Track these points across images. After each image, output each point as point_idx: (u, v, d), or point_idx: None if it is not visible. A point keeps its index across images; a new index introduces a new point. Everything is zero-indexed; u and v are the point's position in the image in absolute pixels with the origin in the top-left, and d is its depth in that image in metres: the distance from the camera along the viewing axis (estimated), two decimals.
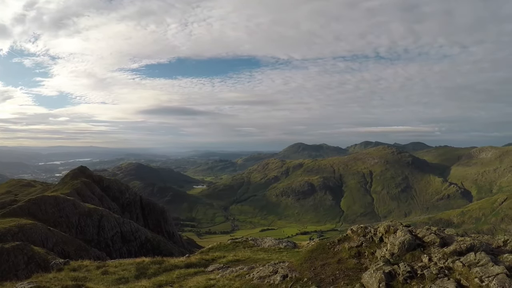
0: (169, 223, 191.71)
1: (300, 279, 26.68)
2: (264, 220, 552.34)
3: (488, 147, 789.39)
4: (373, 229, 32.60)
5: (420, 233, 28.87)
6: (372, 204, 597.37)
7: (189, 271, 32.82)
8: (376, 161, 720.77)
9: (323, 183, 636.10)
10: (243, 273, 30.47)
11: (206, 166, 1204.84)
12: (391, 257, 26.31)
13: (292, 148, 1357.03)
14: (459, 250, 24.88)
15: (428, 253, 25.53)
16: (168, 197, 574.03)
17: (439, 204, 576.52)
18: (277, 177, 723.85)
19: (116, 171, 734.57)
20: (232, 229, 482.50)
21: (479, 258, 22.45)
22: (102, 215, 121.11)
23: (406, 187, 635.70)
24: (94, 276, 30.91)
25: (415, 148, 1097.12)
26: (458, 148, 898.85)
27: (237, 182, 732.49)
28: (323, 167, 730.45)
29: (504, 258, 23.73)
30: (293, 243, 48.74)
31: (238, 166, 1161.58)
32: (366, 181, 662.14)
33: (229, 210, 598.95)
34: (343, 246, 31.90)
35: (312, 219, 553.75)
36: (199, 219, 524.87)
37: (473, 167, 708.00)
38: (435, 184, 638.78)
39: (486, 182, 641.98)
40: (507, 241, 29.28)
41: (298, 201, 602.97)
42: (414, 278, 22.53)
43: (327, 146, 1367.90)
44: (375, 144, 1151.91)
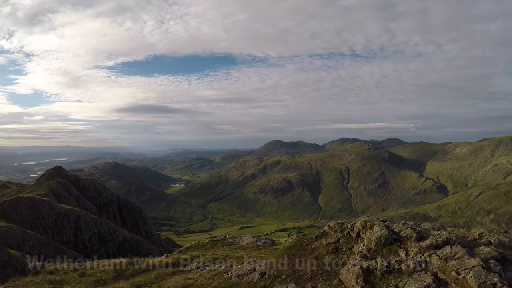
0: (147, 222, 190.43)
1: (279, 276, 26.70)
2: (242, 217, 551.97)
3: (463, 142, 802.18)
4: (350, 224, 32.81)
5: (396, 228, 29.12)
6: (349, 200, 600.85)
7: (167, 271, 32.66)
8: (353, 158, 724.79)
9: (300, 180, 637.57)
10: (221, 271, 30.43)
11: (183, 164, 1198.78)
12: (368, 252, 26.49)
13: (269, 145, 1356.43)
14: (436, 244, 25.14)
15: (405, 247, 25.76)
16: (146, 197, 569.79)
17: (415, 199, 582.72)
18: (255, 175, 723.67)
19: (92, 171, 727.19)
20: (211, 227, 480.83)
21: (455, 252, 22.69)
22: (79, 216, 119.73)
23: (383, 182, 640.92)
24: (71, 279, 30.57)
25: (391, 144, 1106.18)
26: (433, 144, 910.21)
27: (214, 180, 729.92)
28: (300, 164, 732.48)
29: (479, 251, 24.10)
30: (271, 240, 48.75)
31: (216, 164, 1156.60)
32: (343, 177, 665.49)
33: (207, 208, 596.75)
34: (321, 242, 32.05)
35: (291, 215, 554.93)
36: (177, 218, 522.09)
37: (448, 162, 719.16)
38: (412, 179, 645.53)
39: (462, 176, 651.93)
40: (483, 234, 29.76)
41: (276, 198, 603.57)
42: (392, 273, 22.68)
43: (304, 143, 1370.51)
44: (352, 140, 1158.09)
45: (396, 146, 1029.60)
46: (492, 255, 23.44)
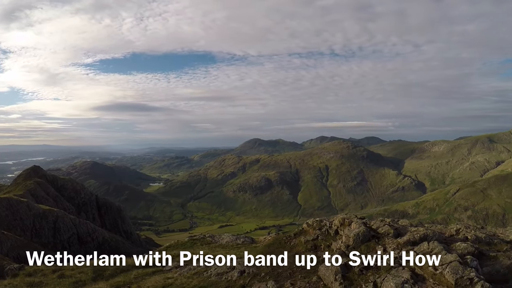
0: (126, 222, 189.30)
1: (258, 274, 26.76)
2: (222, 216, 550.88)
3: (440, 141, 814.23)
4: (328, 222, 32.99)
5: (374, 225, 29.37)
6: (329, 197, 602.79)
7: (147, 270, 32.49)
8: (332, 156, 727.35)
9: (280, 178, 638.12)
10: (201, 270, 30.36)
11: (162, 163, 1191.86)
12: (347, 249, 26.67)
13: (249, 143, 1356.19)
14: (413, 240, 25.42)
15: (382, 244, 25.97)
16: (125, 196, 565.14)
17: (394, 196, 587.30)
18: (234, 173, 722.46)
19: (70, 170, 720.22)
20: (191, 226, 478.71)
21: (432, 247, 22.96)
22: (57, 217, 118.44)
23: (361, 180, 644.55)
24: (50, 281, 30.29)
25: (369, 142, 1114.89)
26: (411, 142, 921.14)
27: (194, 179, 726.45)
28: (279, 162, 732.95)
29: (456, 247, 24.40)
30: (250, 238, 48.80)
31: (195, 163, 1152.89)
32: (322, 175, 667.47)
33: (187, 207, 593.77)
34: (299, 240, 32.19)
35: (270, 214, 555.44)
36: (156, 217, 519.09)
37: (426, 160, 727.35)
38: (390, 177, 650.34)
39: (439, 174, 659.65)
40: (460, 230, 30.09)
41: (255, 196, 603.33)
42: (370, 269, 22.90)
43: (283, 142, 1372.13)
44: (331, 139, 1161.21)
45: (374, 144, 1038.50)
46: (469, 250, 23.75)
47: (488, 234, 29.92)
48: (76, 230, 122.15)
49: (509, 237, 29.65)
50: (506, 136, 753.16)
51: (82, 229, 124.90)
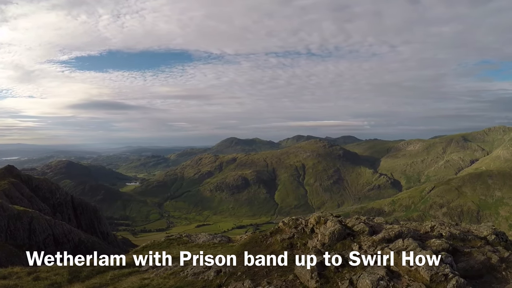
0: (102, 223, 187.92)
1: (234, 273, 26.72)
2: (199, 215, 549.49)
3: (416, 140, 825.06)
4: (304, 220, 33.05)
5: (349, 223, 29.55)
6: (305, 196, 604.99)
7: (123, 271, 32.27)
8: (308, 154, 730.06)
9: (256, 177, 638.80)
10: (177, 270, 30.28)
11: (138, 162, 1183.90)
12: (322, 247, 26.77)
13: (225, 142, 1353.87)
14: (388, 238, 25.62)
15: (358, 241, 26.13)
16: (101, 196, 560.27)
17: (370, 194, 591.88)
18: (211, 172, 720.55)
19: (45, 170, 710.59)
20: (168, 226, 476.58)
21: (407, 244, 23.17)
22: (32, 217, 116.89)
23: (338, 179, 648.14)
24: (25, 283, 29.92)
25: (346, 141, 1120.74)
26: (387, 141, 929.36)
27: (170, 178, 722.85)
28: (256, 161, 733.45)
29: (431, 243, 24.67)
30: (227, 237, 48.89)
31: (171, 162, 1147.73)
32: (299, 174, 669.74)
33: (164, 207, 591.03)
34: (276, 239, 32.22)
35: (247, 212, 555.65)
36: (133, 217, 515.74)
37: (401, 158, 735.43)
38: (366, 176, 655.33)
39: (415, 172, 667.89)
40: (434, 227, 30.33)
41: (232, 195, 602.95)
42: (346, 266, 23.02)
43: (259, 140, 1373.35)
44: (307, 138, 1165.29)
45: (350, 143, 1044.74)
46: (444, 247, 23.99)
47: (462, 230, 30.23)
48: (52, 231, 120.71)
49: (483, 233, 29.94)
50: (480, 135, 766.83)
51: (58, 230, 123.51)
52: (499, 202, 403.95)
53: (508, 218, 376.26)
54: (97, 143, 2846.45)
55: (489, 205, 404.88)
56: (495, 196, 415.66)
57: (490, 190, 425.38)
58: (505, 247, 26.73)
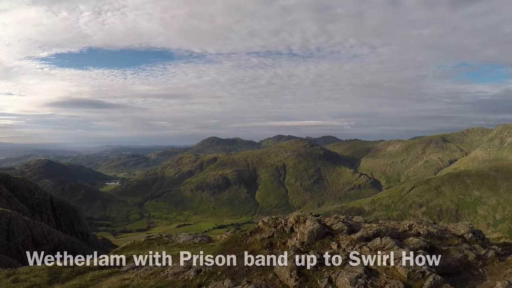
0: (82, 223, 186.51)
1: (214, 273, 26.79)
2: (180, 215, 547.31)
3: (396, 140, 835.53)
4: (283, 220, 33.28)
5: (328, 222, 29.83)
6: (286, 195, 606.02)
7: (103, 272, 32.08)
8: (289, 154, 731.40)
9: (237, 177, 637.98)
10: (157, 270, 30.23)
11: (118, 161, 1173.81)
12: (302, 246, 27.02)
13: (206, 142, 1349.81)
14: (366, 236, 25.95)
15: (336, 240, 26.46)
16: (80, 196, 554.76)
17: (350, 194, 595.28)
18: (192, 172, 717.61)
19: (24, 169, 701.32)
20: (148, 226, 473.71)
21: (385, 243, 23.48)
22: (11, 218, 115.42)
23: (318, 178, 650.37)
24: (4, 285, 29.66)
25: (326, 141, 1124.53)
26: (367, 141, 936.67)
27: (151, 177, 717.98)
28: (237, 161, 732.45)
29: (409, 241, 25.06)
30: (207, 237, 48.85)
31: (152, 161, 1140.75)
32: (279, 174, 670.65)
33: (144, 206, 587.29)
34: (255, 238, 32.32)
35: (228, 212, 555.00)
36: (113, 218, 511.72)
37: (381, 158, 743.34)
38: (346, 175, 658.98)
39: (394, 172, 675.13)
40: (412, 225, 30.76)
41: (213, 195, 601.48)
42: (324, 265, 23.28)
43: (240, 140, 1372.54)
44: (288, 137, 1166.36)
45: (331, 143, 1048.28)
46: (421, 245, 24.41)
47: (440, 229, 30.68)
48: (31, 232, 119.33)
49: (460, 231, 30.42)
50: (458, 136, 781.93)
51: (37, 231, 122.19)
52: (477, 201, 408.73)
53: (486, 217, 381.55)
54: (77, 142, 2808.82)
55: (467, 204, 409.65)
56: (473, 195, 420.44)
57: (469, 190, 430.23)
58: (482, 245, 27.26)
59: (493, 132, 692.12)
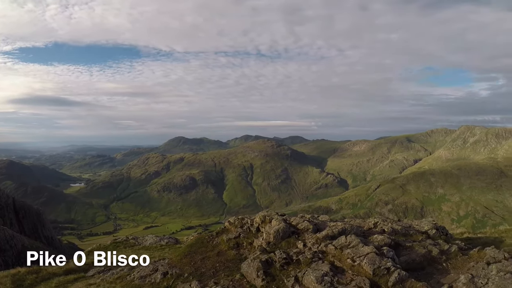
0: (46, 227, 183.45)
1: (181, 275, 26.78)
2: (147, 217, 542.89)
3: (362, 140, 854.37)
4: (249, 220, 33.41)
5: (294, 221, 30.05)
6: (254, 195, 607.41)
7: (68, 278, 31.69)
8: (256, 154, 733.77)
9: (204, 177, 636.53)
10: (124, 274, 30.03)
11: (83, 162, 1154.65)
12: (268, 245, 27.17)
13: (173, 142, 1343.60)
14: (331, 235, 26.20)
15: (302, 239, 26.67)
16: (44, 198, 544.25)
17: (318, 193, 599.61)
18: (158, 172, 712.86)
19: None
20: (115, 229, 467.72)
21: (349, 241, 23.75)
22: None
23: (286, 178, 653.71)
24: None
25: (293, 141, 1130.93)
26: (333, 141, 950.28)
27: (116, 178, 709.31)
28: (204, 161, 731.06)
29: (374, 239, 25.45)
30: (174, 239, 48.80)
31: (117, 162, 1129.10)
32: (247, 174, 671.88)
33: (110, 208, 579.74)
34: (222, 239, 32.35)
35: (196, 213, 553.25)
36: (78, 221, 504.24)
37: (348, 158, 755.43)
38: (313, 175, 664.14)
39: (361, 171, 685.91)
40: (377, 223, 31.24)
41: (180, 196, 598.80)
42: (291, 264, 23.44)
43: (207, 140, 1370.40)
44: (255, 138, 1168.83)
45: (298, 143, 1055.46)
46: (386, 242, 24.79)
47: (404, 226, 31.25)
48: None
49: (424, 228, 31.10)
50: (423, 136, 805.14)
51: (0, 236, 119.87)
52: (442, 199, 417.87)
53: (450, 213, 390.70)
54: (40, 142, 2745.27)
55: (432, 201, 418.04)
56: (437, 193, 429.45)
57: (433, 188, 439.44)
58: (445, 240, 27.90)
59: (456, 133, 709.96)
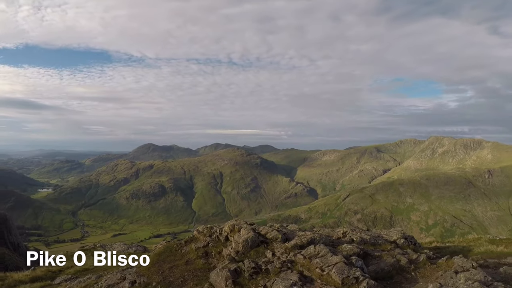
0: (13, 233, 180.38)
1: (149, 284, 26.61)
2: (115, 224, 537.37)
3: (331, 150, 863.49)
4: (218, 229, 33.41)
5: (263, 231, 30.09)
6: (223, 204, 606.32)
7: (34, 285, 31.28)
8: (226, 163, 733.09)
9: (174, 185, 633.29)
10: (91, 282, 29.74)
11: (51, 167, 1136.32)
12: (237, 255, 27.14)
13: (142, 148, 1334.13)
14: (300, 244, 26.30)
15: (271, 248, 26.70)
16: (11, 203, 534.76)
17: (287, 202, 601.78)
18: (127, 179, 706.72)
19: None
20: (83, 236, 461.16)
21: (318, 250, 23.84)
22: None
23: (255, 187, 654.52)
24: None
25: (263, 150, 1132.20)
26: (303, 151, 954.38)
27: (85, 184, 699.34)
28: (173, 169, 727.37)
29: (342, 248, 25.58)
30: (143, 247, 48.41)
31: (86, 167, 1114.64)
32: (216, 182, 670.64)
33: (78, 215, 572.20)
34: (190, 247, 32.24)
35: (165, 221, 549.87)
36: (46, 227, 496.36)
37: (317, 168, 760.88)
38: (283, 184, 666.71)
39: (330, 181, 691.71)
40: (346, 232, 31.42)
41: (149, 203, 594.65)
42: (259, 273, 23.40)
43: (177, 147, 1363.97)
44: (225, 146, 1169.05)
45: (268, 152, 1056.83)
46: (354, 251, 24.99)
47: (373, 235, 31.52)
48: None
49: (392, 237, 31.38)
50: (392, 146, 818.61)
51: None
52: (410, 208, 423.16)
53: (419, 223, 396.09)
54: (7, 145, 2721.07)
55: (401, 211, 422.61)
56: (406, 202, 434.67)
57: (402, 197, 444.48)
58: (414, 250, 28.37)
59: (425, 143, 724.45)
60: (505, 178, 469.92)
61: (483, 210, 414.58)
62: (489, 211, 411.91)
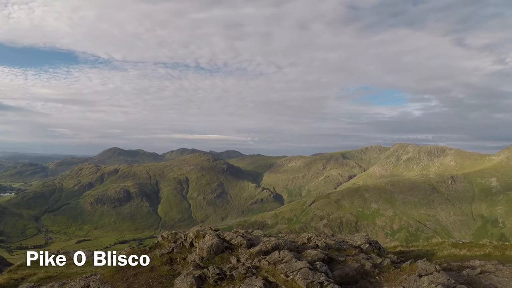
0: None
1: None
2: (79, 230, 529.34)
3: (298, 156, 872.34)
4: (183, 235, 33.35)
5: (227, 236, 30.15)
6: (189, 209, 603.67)
7: None
8: (192, 168, 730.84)
9: (139, 190, 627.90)
10: None
11: (14, 170, 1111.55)
12: (201, 261, 27.11)
13: (108, 152, 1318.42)
14: (265, 250, 26.36)
15: (236, 254, 26.73)
16: None
17: (253, 208, 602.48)
18: (92, 184, 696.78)
19: None
20: (46, 242, 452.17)
21: (283, 256, 23.95)
22: None
23: (221, 192, 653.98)
24: None
25: (230, 156, 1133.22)
26: (270, 157, 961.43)
27: (48, 189, 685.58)
28: (139, 173, 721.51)
29: (307, 254, 25.81)
30: None
31: (50, 171, 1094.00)
32: (182, 187, 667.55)
33: (41, 220, 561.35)
34: (155, 254, 32.06)
35: (130, 227, 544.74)
36: (8, 233, 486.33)
37: (283, 174, 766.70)
38: (249, 190, 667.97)
39: (296, 187, 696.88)
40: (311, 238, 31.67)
41: (114, 208, 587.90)
42: (224, 279, 23.38)
43: (143, 152, 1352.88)
44: (192, 151, 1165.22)
45: (234, 157, 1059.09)
46: (319, 256, 25.19)
47: (338, 240, 31.81)
48: None
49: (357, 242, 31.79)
50: (357, 153, 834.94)
51: None
52: (376, 213, 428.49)
53: (384, 227, 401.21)
54: None
55: (366, 216, 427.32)
56: (371, 208, 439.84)
57: (367, 203, 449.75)
58: (378, 254, 28.75)
59: (390, 150, 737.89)
60: (468, 184, 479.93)
61: (447, 215, 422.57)
62: (452, 215, 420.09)
